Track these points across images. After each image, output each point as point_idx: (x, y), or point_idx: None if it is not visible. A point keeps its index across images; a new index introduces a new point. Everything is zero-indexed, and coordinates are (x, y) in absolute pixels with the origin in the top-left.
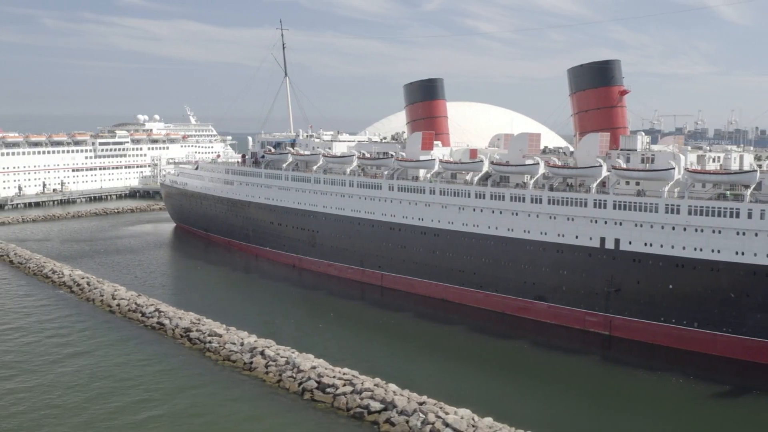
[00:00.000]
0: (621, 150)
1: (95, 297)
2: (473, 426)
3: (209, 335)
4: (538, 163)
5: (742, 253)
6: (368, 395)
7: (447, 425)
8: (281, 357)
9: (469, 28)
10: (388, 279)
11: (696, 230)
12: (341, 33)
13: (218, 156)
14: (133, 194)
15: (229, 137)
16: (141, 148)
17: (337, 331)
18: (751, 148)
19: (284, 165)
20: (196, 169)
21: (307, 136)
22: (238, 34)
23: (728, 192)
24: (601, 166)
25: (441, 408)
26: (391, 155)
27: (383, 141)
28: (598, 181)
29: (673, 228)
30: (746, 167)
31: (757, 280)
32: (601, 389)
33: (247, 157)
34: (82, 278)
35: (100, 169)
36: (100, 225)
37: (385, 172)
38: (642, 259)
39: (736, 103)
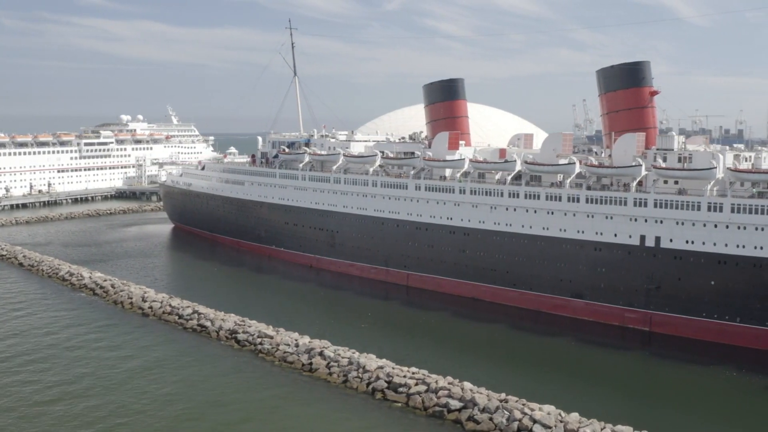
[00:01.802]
0: (658, 149)
1: (123, 300)
2: (561, 421)
3: (258, 337)
4: (574, 163)
5: None
6: (445, 394)
7: (535, 421)
8: (342, 357)
9: (430, 28)
10: (414, 278)
11: (739, 227)
12: (301, 33)
13: (224, 156)
14: (119, 195)
15: (212, 137)
16: (125, 149)
17: (383, 331)
18: None
19: (301, 165)
20: (203, 169)
21: (321, 136)
22: (198, 34)
23: (754, 190)
24: (640, 165)
25: (524, 405)
26: (417, 155)
27: (401, 141)
28: (638, 180)
29: (716, 225)
30: None
31: None
32: (661, 383)
33: (257, 156)
34: (105, 280)
35: (85, 169)
36: (96, 227)
37: (411, 172)
38: (683, 256)
39: (696, 103)
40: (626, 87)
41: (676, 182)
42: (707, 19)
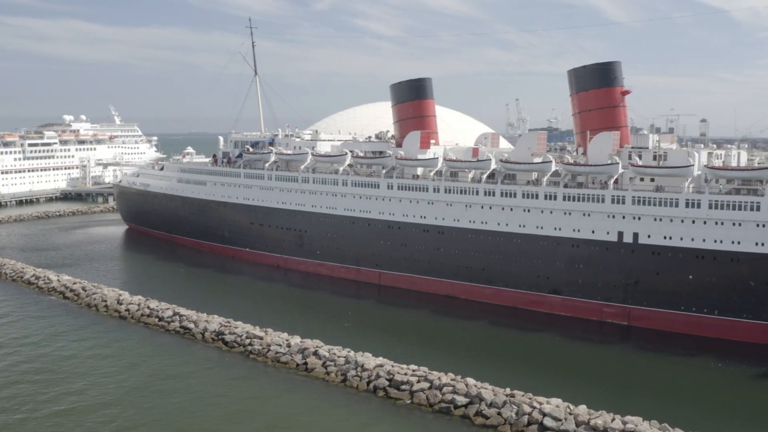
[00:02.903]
0: (633, 148)
1: (97, 303)
2: (570, 414)
3: (247, 338)
4: (550, 161)
5: (762, 244)
6: (449, 390)
7: (544, 414)
8: (339, 357)
9: (360, 28)
10: (386, 277)
11: (716, 223)
12: (230, 32)
13: (183, 156)
14: (64, 197)
15: (155, 137)
16: (69, 149)
17: (368, 330)
18: (746, 146)
19: (267, 164)
20: (161, 169)
21: (285, 135)
22: (125, 34)
23: (720, 187)
24: (618, 163)
25: (531, 398)
26: (389, 154)
27: (368, 140)
28: (615, 177)
29: (693, 221)
30: (743, 163)
31: None
32: (652, 375)
33: (218, 156)
34: (75, 283)
35: (29, 171)
36: (47, 229)
37: (383, 171)
38: (661, 251)
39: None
40: (598, 87)
41: (652, 179)
42: (633, 19)
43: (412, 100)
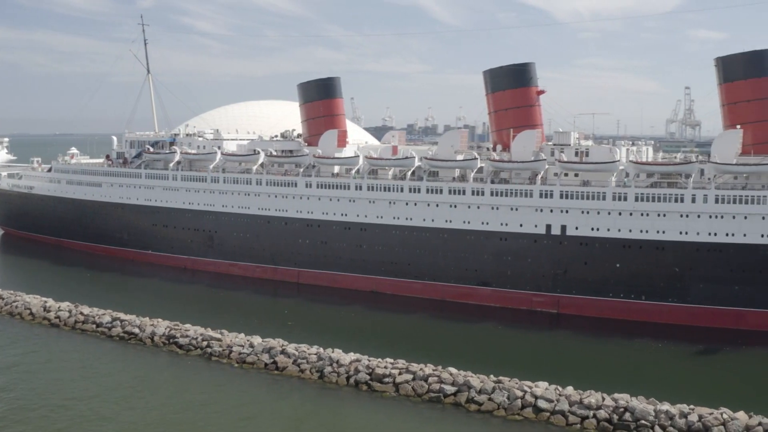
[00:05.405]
0: (555, 145)
1: (20, 311)
2: (561, 395)
3: (203, 340)
4: (476, 158)
5: (686, 233)
6: (435, 380)
7: (537, 397)
8: (310, 354)
9: (186, 26)
10: (306, 275)
11: (642, 214)
12: (53, 30)
13: (71, 157)
14: None
15: (6, 138)
16: None
17: (315, 327)
18: (652, 142)
19: (171, 164)
20: (49, 170)
21: (187, 135)
22: None
23: (626, 180)
24: (545, 159)
25: (519, 383)
26: (305, 152)
27: (274, 139)
28: (542, 173)
29: (620, 213)
30: (650, 158)
31: (700, 255)
32: (601, 357)
33: (112, 157)
34: None
35: None
36: None
37: (301, 170)
38: (589, 242)
39: (448, 100)
40: (514, 87)
41: (576, 175)
42: (459, 19)
43: (321, 99)
